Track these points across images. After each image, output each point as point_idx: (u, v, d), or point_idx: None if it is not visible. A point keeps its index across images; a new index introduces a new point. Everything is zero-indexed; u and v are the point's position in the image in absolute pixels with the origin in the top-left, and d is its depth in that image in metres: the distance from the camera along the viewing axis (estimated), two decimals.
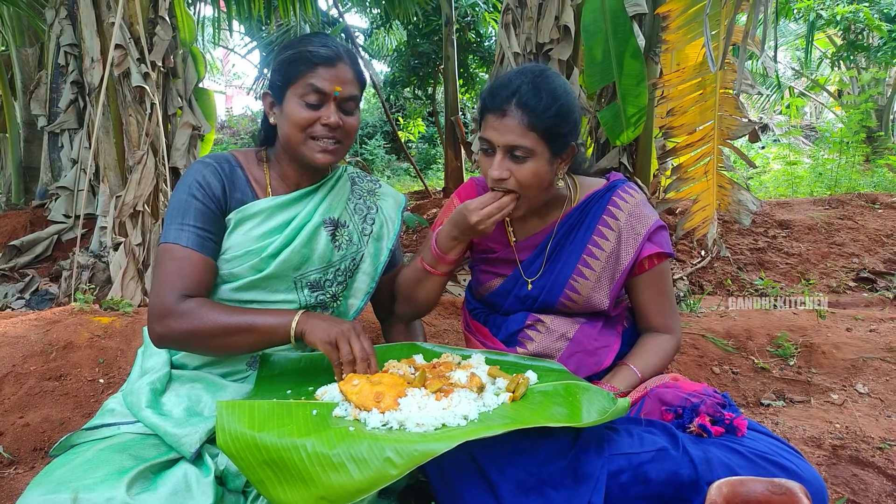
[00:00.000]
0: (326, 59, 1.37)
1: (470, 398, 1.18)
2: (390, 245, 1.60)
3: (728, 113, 3.11)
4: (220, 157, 1.47)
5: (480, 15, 8.49)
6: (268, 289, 1.42)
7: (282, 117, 1.40)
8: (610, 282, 1.51)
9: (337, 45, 1.41)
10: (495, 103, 1.39)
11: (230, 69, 20.14)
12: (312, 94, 1.36)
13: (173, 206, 1.38)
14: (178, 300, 1.30)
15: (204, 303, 1.32)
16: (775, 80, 11.19)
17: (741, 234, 4.82)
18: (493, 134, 1.39)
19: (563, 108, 1.38)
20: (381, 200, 1.63)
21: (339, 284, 1.52)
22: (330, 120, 1.37)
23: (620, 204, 1.52)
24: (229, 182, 1.42)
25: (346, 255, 1.52)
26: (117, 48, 3.25)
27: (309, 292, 1.47)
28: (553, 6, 3.56)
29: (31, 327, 2.36)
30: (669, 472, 1.17)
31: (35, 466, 1.89)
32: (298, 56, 1.37)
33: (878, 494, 1.68)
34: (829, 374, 2.52)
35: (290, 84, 1.37)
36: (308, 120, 1.37)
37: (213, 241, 1.38)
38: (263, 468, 1.03)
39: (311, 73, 1.36)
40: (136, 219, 3.41)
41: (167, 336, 1.31)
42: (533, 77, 1.39)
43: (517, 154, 1.38)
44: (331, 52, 1.38)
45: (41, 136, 4.63)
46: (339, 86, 1.37)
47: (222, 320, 1.28)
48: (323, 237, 1.47)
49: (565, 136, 1.41)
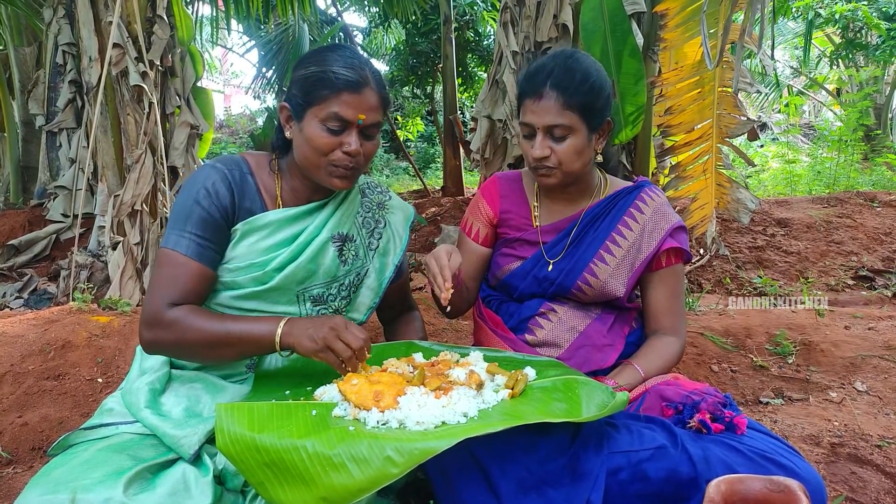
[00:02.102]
0: (351, 85, 1.30)
1: (469, 395, 1.18)
2: (396, 261, 1.56)
3: (726, 111, 3.11)
4: (230, 161, 1.41)
5: (479, 14, 8.48)
6: (269, 300, 1.39)
7: (300, 136, 1.35)
8: (629, 270, 1.55)
9: (362, 64, 1.34)
10: (531, 87, 1.46)
11: (228, 68, 20.14)
12: (335, 121, 1.30)
13: (177, 210, 1.34)
14: (167, 309, 1.27)
15: (190, 311, 1.28)
16: (774, 78, 11.19)
17: (740, 232, 4.83)
18: (532, 117, 1.46)
19: (595, 84, 1.45)
20: (390, 214, 1.59)
21: (343, 299, 1.49)
22: (351, 148, 1.31)
23: (647, 201, 1.58)
24: (239, 190, 1.37)
25: (350, 270, 1.48)
26: (115, 47, 3.24)
27: (311, 306, 1.44)
28: (551, 5, 3.56)
29: (30, 327, 2.36)
30: (668, 470, 1.17)
31: (33, 466, 1.89)
32: (322, 77, 1.30)
33: (876, 492, 1.68)
34: (827, 372, 2.52)
35: (311, 105, 1.31)
36: (329, 146, 1.31)
37: (214, 251, 1.34)
38: (264, 470, 1.03)
39: (334, 98, 1.29)
40: (134, 218, 3.41)
41: (155, 343, 1.29)
42: (564, 59, 1.47)
43: (556, 133, 1.45)
44: (356, 75, 1.31)
45: (39, 136, 4.62)
46: (364, 113, 1.31)
47: (206, 331, 1.26)
48: (330, 252, 1.44)
49: (601, 111, 1.48)
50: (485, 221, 1.68)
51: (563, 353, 1.53)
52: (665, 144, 3.39)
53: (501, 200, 1.67)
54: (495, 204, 1.67)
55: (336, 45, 1.40)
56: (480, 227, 1.68)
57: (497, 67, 3.95)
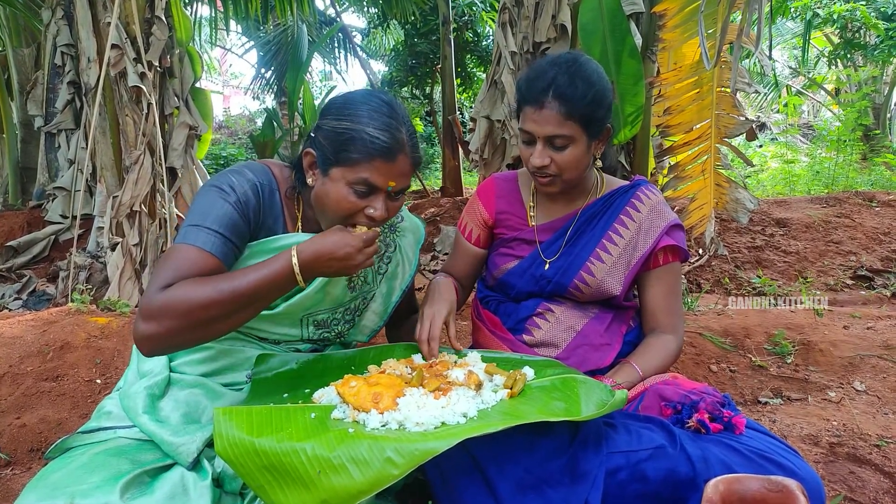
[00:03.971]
0: (386, 152, 1.21)
1: (468, 396, 1.18)
2: (404, 286, 1.54)
3: (725, 111, 3.11)
4: (260, 171, 1.33)
5: (478, 14, 8.49)
6: (272, 322, 1.38)
7: (322, 189, 1.26)
8: (625, 268, 1.55)
9: (399, 124, 1.25)
10: (532, 95, 1.44)
11: (227, 69, 20.14)
12: (363, 185, 1.22)
13: (200, 209, 1.22)
14: (158, 293, 1.12)
15: (181, 284, 1.12)
16: (773, 78, 11.20)
17: (739, 232, 4.83)
18: (533, 126, 1.44)
19: (598, 94, 1.43)
20: (401, 238, 1.55)
21: (347, 323, 1.48)
22: (376, 213, 1.24)
23: (643, 199, 1.59)
24: (267, 203, 1.30)
25: (357, 296, 1.46)
26: (114, 48, 3.24)
27: (314, 329, 1.43)
28: (550, 5, 3.56)
29: (28, 328, 2.36)
30: (667, 471, 1.17)
31: (31, 467, 1.89)
32: (356, 137, 1.21)
33: (875, 492, 1.68)
34: (826, 371, 2.52)
35: (339, 164, 1.23)
36: (353, 209, 1.24)
37: (234, 255, 1.25)
38: (263, 473, 1.02)
39: (366, 164, 1.21)
40: (133, 219, 3.41)
41: (151, 337, 1.12)
42: (567, 67, 1.43)
43: (557, 143, 1.44)
44: (393, 141, 1.22)
45: (38, 137, 4.62)
46: (395, 180, 1.24)
47: (208, 297, 1.10)
48: (341, 283, 1.41)
49: (602, 120, 1.47)
50: (479, 223, 1.68)
51: (561, 353, 1.53)
52: (664, 145, 3.39)
53: (497, 201, 1.67)
54: (491, 205, 1.67)
55: (371, 95, 1.29)
56: (475, 228, 1.69)
57: (496, 68, 3.95)
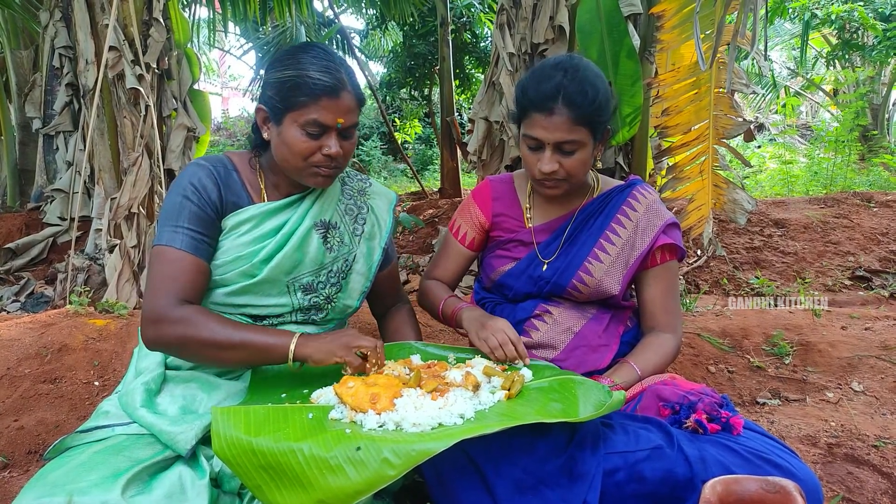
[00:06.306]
0: (329, 90, 1.32)
1: (466, 397, 1.19)
2: (383, 244, 1.60)
3: (723, 112, 3.11)
4: (214, 159, 1.45)
5: (476, 15, 8.48)
6: (260, 293, 1.42)
7: (278, 139, 1.37)
8: (623, 268, 1.55)
9: (337, 66, 1.36)
10: (541, 101, 1.42)
11: (226, 71, 20.13)
12: (314, 126, 1.33)
13: (167, 209, 1.37)
14: (173, 305, 1.28)
15: (200, 311, 1.30)
16: (771, 79, 11.21)
17: (737, 233, 4.83)
18: (542, 132, 1.43)
19: (604, 98, 1.45)
20: (372, 200, 1.62)
21: (333, 286, 1.52)
22: (332, 151, 1.35)
23: (639, 198, 1.59)
24: (224, 185, 1.41)
25: (337, 257, 1.51)
26: (111, 50, 3.24)
27: (302, 295, 1.47)
28: (548, 6, 3.56)
29: (26, 330, 2.35)
30: (665, 471, 1.18)
31: (29, 470, 1.88)
32: (299, 83, 1.32)
33: (873, 492, 1.68)
34: (824, 372, 2.52)
35: (289, 110, 1.34)
36: (309, 150, 1.35)
37: (208, 244, 1.37)
38: (260, 473, 1.02)
39: (313, 105, 1.32)
40: (131, 221, 3.40)
41: (159, 341, 1.30)
42: (573, 72, 1.43)
43: (566, 148, 1.44)
44: (333, 80, 1.33)
45: (36, 139, 4.62)
46: (342, 117, 1.35)
47: (217, 334, 1.27)
48: (315, 240, 1.47)
49: (606, 123, 1.48)
50: (475, 226, 1.68)
51: (559, 355, 1.53)
52: (662, 145, 3.39)
53: (494, 203, 1.67)
54: (487, 208, 1.67)
55: (309, 45, 1.40)
56: (469, 230, 1.69)
57: (494, 69, 3.95)
